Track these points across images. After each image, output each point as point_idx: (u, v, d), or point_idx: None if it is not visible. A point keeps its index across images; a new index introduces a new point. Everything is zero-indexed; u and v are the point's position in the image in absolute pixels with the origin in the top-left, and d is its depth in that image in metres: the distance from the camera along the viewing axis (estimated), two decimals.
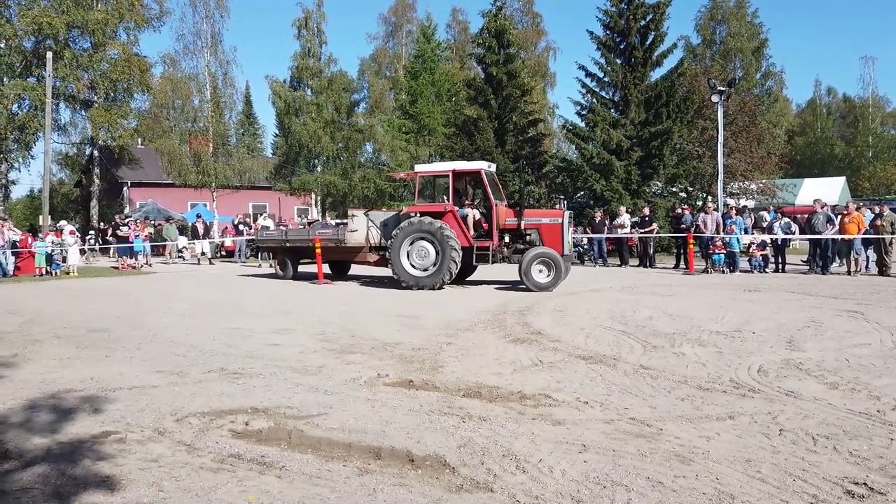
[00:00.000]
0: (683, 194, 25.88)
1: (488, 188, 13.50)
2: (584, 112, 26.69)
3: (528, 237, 13.48)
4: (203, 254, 24.63)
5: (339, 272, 17.34)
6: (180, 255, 25.71)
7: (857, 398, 4.98)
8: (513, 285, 13.83)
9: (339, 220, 29.90)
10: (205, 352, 7.19)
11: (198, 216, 26.92)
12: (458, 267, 13.21)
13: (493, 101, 28.11)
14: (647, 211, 20.08)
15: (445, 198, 13.90)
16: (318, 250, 15.39)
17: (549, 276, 12.70)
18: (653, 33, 25.48)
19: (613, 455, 3.88)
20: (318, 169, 34.96)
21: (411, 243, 13.45)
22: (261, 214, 31.41)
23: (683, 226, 18.28)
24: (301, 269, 16.76)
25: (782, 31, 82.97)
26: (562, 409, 4.86)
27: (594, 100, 26.61)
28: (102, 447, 4.17)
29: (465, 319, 9.30)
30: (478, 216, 13.90)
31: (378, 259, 14.84)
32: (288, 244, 16.44)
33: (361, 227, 14.85)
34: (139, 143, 37.65)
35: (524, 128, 28.60)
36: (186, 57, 30.38)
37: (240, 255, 24.86)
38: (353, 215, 15.34)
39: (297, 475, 3.70)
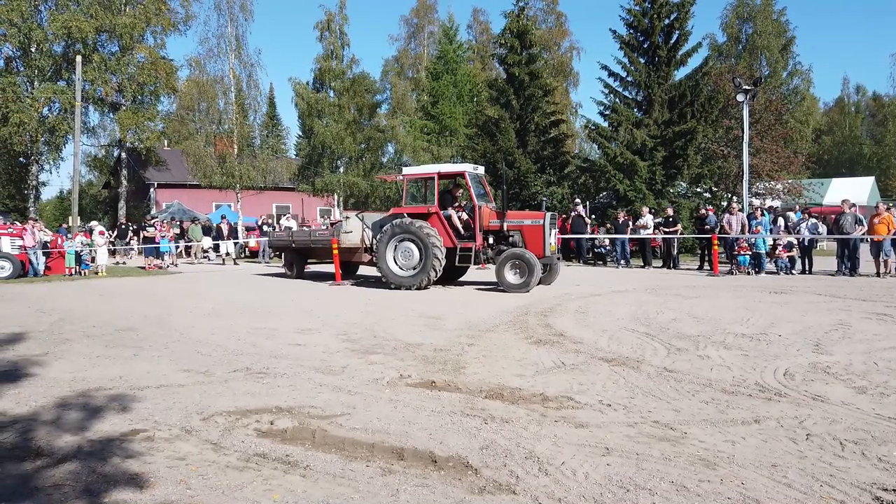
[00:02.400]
0: (708, 195, 25.58)
1: (472, 190, 13.66)
2: (607, 112, 26.50)
3: (510, 238, 13.53)
4: (228, 254, 24.93)
5: (348, 272, 17.31)
6: (205, 255, 26.04)
7: (886, 403, 4.90)
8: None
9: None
10: (230, 351, 7.28)
11: (222, 217, 27.26)
12: (442, 267, 13.31)
13: (514, 101, 28.04)
14: (670, 211, 19.89)
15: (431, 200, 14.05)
16: (336, 251, 15.49)
17: (520, 277, 12.72)
18: (677, 32, 25.22)
19: (637, 458, 3.86)
20: (341, 170, 35.18)
21: (397, 244, 13.68)
22: (284, 215, 31.66)
23: (707, 227, 18.08)
24: (314, 268, 17.08)
25: (810, 29, 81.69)
26: (585, 411, 4.85)
27: (617, 99, 26.41)
28: (131, 445, 4.25)
29: (487, 320, 9.30)
30: (464, 217, 13.92)
31: (371, 259, 14.97)
32: (294, 245, 16.91)
33: (356, 229, 15.13)
34: (165, 145, 38.24)
35: (546, 128, 28.48)
36: (211, 60, 30.74)
37: (263, 256, 25.11)
38: (346, 217, 15.64)
39: (321, 475, 3.74)
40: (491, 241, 13.78)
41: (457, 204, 14.39)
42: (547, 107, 29.01)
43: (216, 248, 25.81)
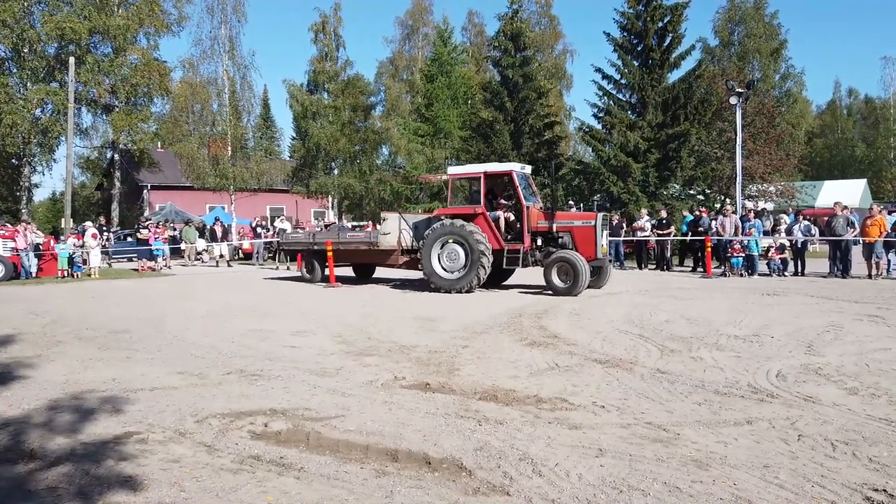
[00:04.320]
0: (701, 197, 25.69)
1: (519, 190, 13.18)
2: (600, 114, 26.58)
3: (560, 240, 13.09)
4: (221, 256, 24.86)
5: (363, 275, 17.27)
6: (199, 257, 25.98)
7: (876, 404, 4.93)
8: (542, 289, 13.38)
9: (355, 224, 30.08)
10: (224, 353, 7.27)
11: (216, 219, 27.19)
12: (488, 270, 12.98)
13: (508, 103, 28.09)
14: (664, 213, 19.96)
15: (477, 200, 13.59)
16: (330, 253, 15.45)
17: (567, 280, 12.37)
18: (670, 35, 25.32)
19: (630, 459, 3.88)
20: (335, 172, 35.17)
21: (442, 246, 13.35)
22: (278, 217, 31.62)
23: (701, 228, 18.14)
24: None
25: (802, 32, 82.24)
26: (578, 412, 4.87)
27: (611, 102, 26.49)
28: (125, 447, 4.24)
29: (481, 322, 9.32)
30: (511, 218, 13.55)
31: (407, 261, 14.63)
32: (316, 247, 16.26)
33: (394, 230, 14.59)
34: (159, 146, 38.12)
35: (540, 130, 28.53)
36: (205, 62, 30.64)
37: (257, 258, 25.06)
38: (385, 217, 15.02)
39: (315, 476, 3.74)
40: (539, 242, 13.37)
41: (503, 204, 13.92)
42: (541, 109, 29.06)
43: (210, 250, 25.74)
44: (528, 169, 14.30)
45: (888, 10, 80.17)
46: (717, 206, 24.34)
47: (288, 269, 22.01)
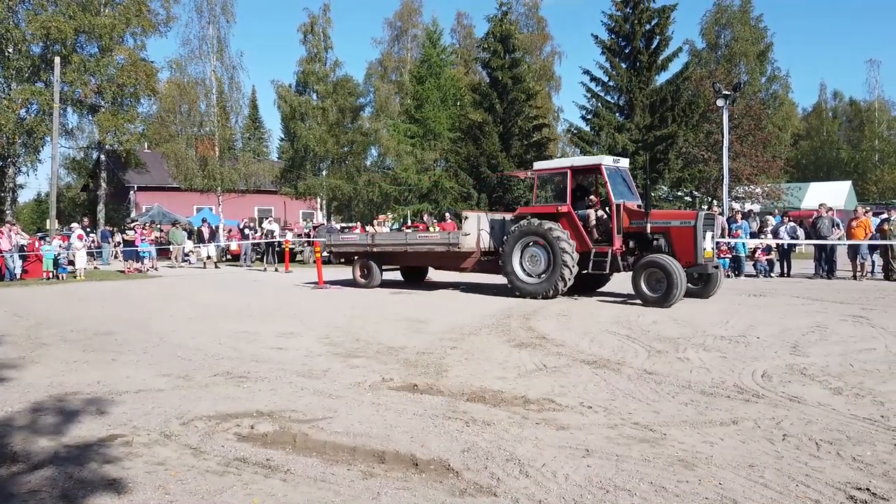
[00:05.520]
0: (689, 198, 25.87)
1: (609, 186, 11.88)
2: (589, 116, 26.76)
3: (655, 242, 11.64)
4: (209, 257, 24.73)
5: (413, 279, 16.18)
6: (186, 258, 25.82)
7: (860, 403, 4.98)
8: (627, 298, 11.63)
9: (343, 225, 30.01)
10: (210, 355, 7.23)
11: (203, 220, 27.05)
12: (573, 274, 11.78)
13: (498, 105, 28.19)
14: None
15: (563, 197, 12.38)
16: (318, 255, 15.28)
17: (659, 289, 10.81)
18: (658, 38, 25.54)
19: (617, 460, 3.89)
20: (324, 173, 35.10)
21: (524, 248, 12.32)
22: (266, 218, 31.50)
23: None
24: (301, 274, 16.73)
25: (787, 35, 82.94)
26: (565, 413, 4.88)
27: (599, 104, 26.67)
28: (109, 450, 4.20)
29: (470, 324, 9.32)
30: (603, 217, 12.24)
31: (484, 264, 13.56)
32: (376, 249, 14.87)
33: (474, 230, 13.38)
34: (146, 147, 37.86)
35: (529, 132, 28.66)
36: (193, 62, 30.56)
37: (245, 259, 24.94)
38: (466, 216, 13.71)
39: (301, 478, 3.72)
40: (632, 244, 11.94)
41: (594, 201, 12.77)
42: (530, 111, 29.20)
43: (197, 252, 25.59)
44: (622, 162, 13.05)
45: (873, 14, 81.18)
46: (705, 207, 24.51)
47: (276, 270, 21.96)
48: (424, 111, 31.33)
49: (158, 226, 29.05)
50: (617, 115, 26.42)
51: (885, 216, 15.97)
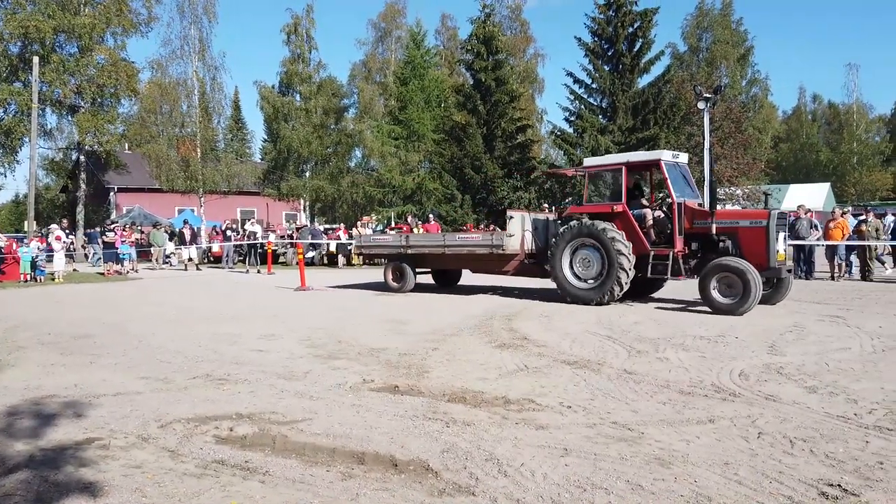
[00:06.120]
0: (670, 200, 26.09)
1: (669, 182, 11.11)
2: (572, 118, 26.90)
3: (721, 244, 10.76)
4: (190, 259, 24.53)
5: (446, 283, 15.45)
6: (167, 260, 25.59)
7: (834, 402, 5.06)
8: (689, 304, 10.56)
9: (327, 226, 29.90)
10: (190, 358, 7.18)
11: (185, 222, 26.83)
12: (629, 278, 10.98)
13: (481, 107, 28.25)
14: None
15: (618, 195, 11.63)
16: (301, 257, 15.18)
17: (732, 295, 9.97)
18: (640, 40, 25.75)
19: (594, 459, 3.92)
20: (307, 174, 34.96)
21: (574, 250, 11.58)
22: (249, 220, 31.31)
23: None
24: (283, 276, 16.61)
25: (767, 39, 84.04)
26: (545, 413, 4.90)
27: (582, 106, 26.83)
28: (85, 453, 4.16)
29: (452, 325, 9.33)
30: (660, 217, 11.52)
31: (529, 267, 12.92)
32: (410, 251, 14.12)
33: (519, 231, 12.77)
34: (126, 148, 37.46)
35: (513, 134, 28.74)
36: (174, 62, 30.30)
37: (227, 261, 24.78)
38: (510, 216, 12.97)
39: (280, 480, 3.71)
40: (695, 246, 11.13)
41: (653, 199, 12.24)
42: (513, 112, 29.29)
43: (178, 253, 25.38)
44: (682, 157, 12.21)
45: (852, 19, 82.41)
46: None
47: (259, 272, 21.83)
48: (408, 112, 31.33)
49: (139, 227, 28.75)
50: (600, 117, 26.60)
51: (862, 217, 16.23)
